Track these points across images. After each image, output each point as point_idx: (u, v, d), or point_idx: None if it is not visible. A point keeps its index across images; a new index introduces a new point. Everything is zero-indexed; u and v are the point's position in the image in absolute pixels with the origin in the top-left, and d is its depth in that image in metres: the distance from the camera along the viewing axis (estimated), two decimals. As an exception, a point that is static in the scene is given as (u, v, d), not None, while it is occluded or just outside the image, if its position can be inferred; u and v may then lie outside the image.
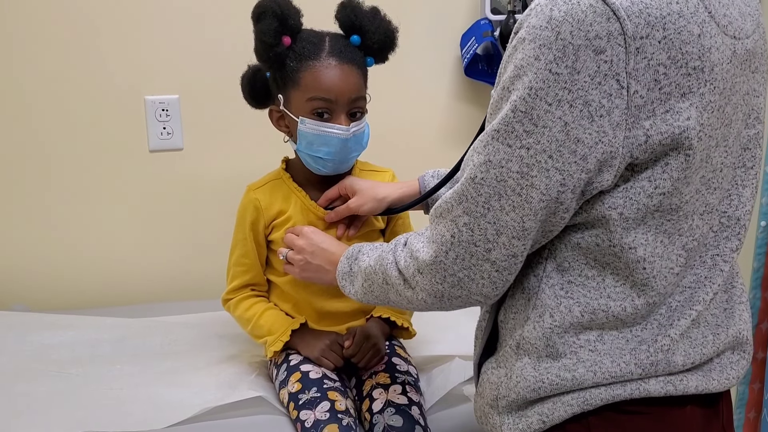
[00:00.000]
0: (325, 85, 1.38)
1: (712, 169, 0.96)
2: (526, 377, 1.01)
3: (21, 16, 1.85)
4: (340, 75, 1.38)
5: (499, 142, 0.92)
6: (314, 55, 1.38)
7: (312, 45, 1.39)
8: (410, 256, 1.07)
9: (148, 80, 1.94)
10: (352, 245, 1.26)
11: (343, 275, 1.23)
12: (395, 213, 1.50)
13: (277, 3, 1.38)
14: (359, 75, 1.42)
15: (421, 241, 1.05)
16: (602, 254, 0.96)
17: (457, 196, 0.98)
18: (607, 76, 0.85)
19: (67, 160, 1.94)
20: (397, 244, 1.13)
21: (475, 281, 1.00)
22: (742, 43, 0.94)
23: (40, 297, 1.98)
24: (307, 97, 1.39)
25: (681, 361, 0.99)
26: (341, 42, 1.42)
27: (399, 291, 1.10)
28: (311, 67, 1.38)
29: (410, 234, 1.12)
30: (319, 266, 1.32)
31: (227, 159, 2.01)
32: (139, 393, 1.45)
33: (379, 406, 1.36)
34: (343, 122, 1.39)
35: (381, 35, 1.43)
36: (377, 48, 1.44)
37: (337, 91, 1.38)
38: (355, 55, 1.42)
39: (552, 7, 0.86)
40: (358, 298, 1.20)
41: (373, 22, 1.43)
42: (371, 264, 1.15)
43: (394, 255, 1.11)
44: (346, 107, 1.40)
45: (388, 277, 1.11)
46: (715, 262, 1.02)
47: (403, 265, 1.08)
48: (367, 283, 1.16)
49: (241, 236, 1.52)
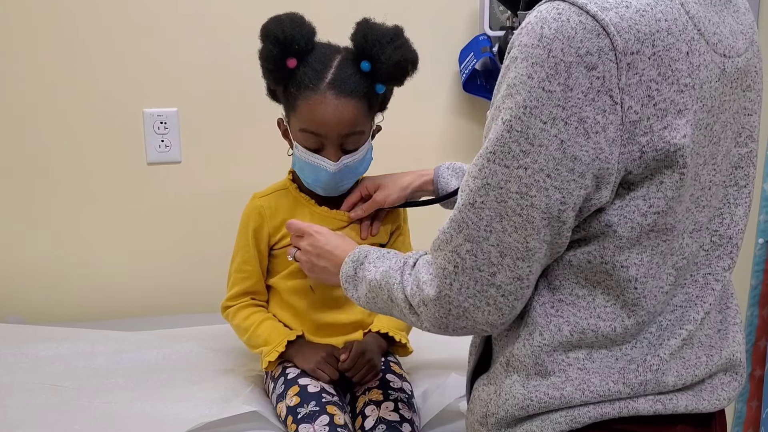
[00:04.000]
0: (316, 121, 1.37)
1: (700, 187, 0.96)
2: (515, 395, 1.01)
3: (19, 29, 1.86)
4: (334, 111, 1.36)
5: (496, 164, 0.92)
6: (313, 84, 1.37)
7: (314, 72, 1.37)
8: (417, 286, 1.04)
9: (147, 93, 1.94)
10: (358, 247, 1.24)
11: (347, 278, 1.21)
12: (416, 206, 1.51)
13: (282, 27, 1.36)
14: (359, 108, 1.39)
15: (429, 272, 1.03)
16: (593, 272, 0.96)
17: (456, 225, 0.97)
18: (600, 92, 0.85)
19: (65, 172, 1.94)
20: (406, 263, 1.10)
21: (481, 309, 0.98)
22: (732, 61, 0.94)
23: (35, 309, 1.97)
24: (300, 126, 1.40)
25: (672, 381, 0.99)
26: (348, 69, 1.39)
27: (404, 313, 1.09)
28: (307, 98, 1.37)
29: (420, 256, 1.10)
30: (324, 268, 1.31)
31: (225, 172, 2.01)
32: (134, 407, 1.45)
33: (371, 423, 1.35)
34: (332, 157, 1.40)
35: (392, 66, 1.39)
36: (386, 77, 1.41)
37: (328, 127, 1.37)
38: (359, 84, 1.39)
39: (542, 25, 0.86)
40: (361, 304, 1.19)
41: (386, 50, 1.37)
42: (377, 278, 1.13)
43: (401, 276, 1.09)
44: (336, 142, 1.39)
45: (393, 296, 1.10)
46: (707, 281, 1.02)
47: (410, 293, 1.06)
48: (371, 295, 1.15)
49: (244, 243, 1.52)
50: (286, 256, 1.49)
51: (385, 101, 1.50)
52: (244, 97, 1.95)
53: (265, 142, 1.51)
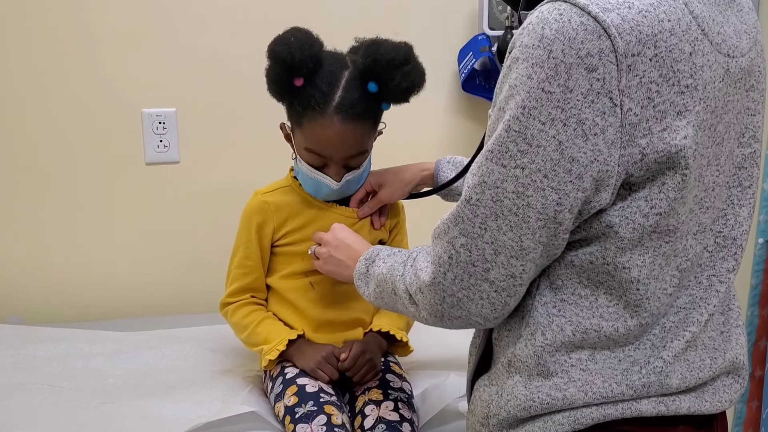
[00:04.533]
0: (322, 143, 1.38)
1: (704, 188, 0.96)
2: (517, 395, 1.01)
3: (19, 29, 1.85)
4: (341, 135, 1.36)
5: (494, 163, 0.92)
6: (320, 106, 1.35)
7: (321, 95, 1.35)
8: (414, 274, 1.07)
9: (146, 93, 1.94)
10: (372, 247, 1.27)
11: (360, 276, 1.25)
12: (417, 197, 1.54)
13: (290, 50, 1.32)
14: (364, 130, 1.39)
15: (426, 260, 1.06)
16: (596, 273, 0.96)
17: (453, 218, 0.98)
18: (600, 94, 0.85)
19: (63, 173, 1.94)
20: (409, 257, 1.14)
21: (474, 302, 0.99)
22: (736, 61, 0.94)
23: (34, 309, 1.97)
24: (305, 145, 1.40)
25: (676, 384, 0.99)
26: (355, 91, 1.36)
27: (405, 305, 1.11)
28: (313, 120, 1.36)
29: (422, 249, 1.12)
30: (340, 261, 1.34)
31: (224, 172, 2.00)
32: (132, 407, 1.45)
33: (370, 423, 1.35)
34: (336, 176, 1.41)
35: (401, 91, 1.38)
36: (394, 99, 1.41)
37: (333, 151, 1.39)
38: (366, 106, 1.37)
39: (543, 26, 0.86)
40: (371, 300, 1.23)
41: (395, 76, 1.36)
42: (383, 272, 1.17)
43: (404, 268, 1.12)
44: (341, 163, 1.41)
45: (396, 289, 1.13)
46: (711, 283, 1.01)
47: (408, 282, 1.09)
48: (379, 290, 1.18)
49: (245, 238, 1.51)
50: (286, 255, 1.50)
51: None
52: (243, 98, 1.95)
53: (263, 143, 1.51)
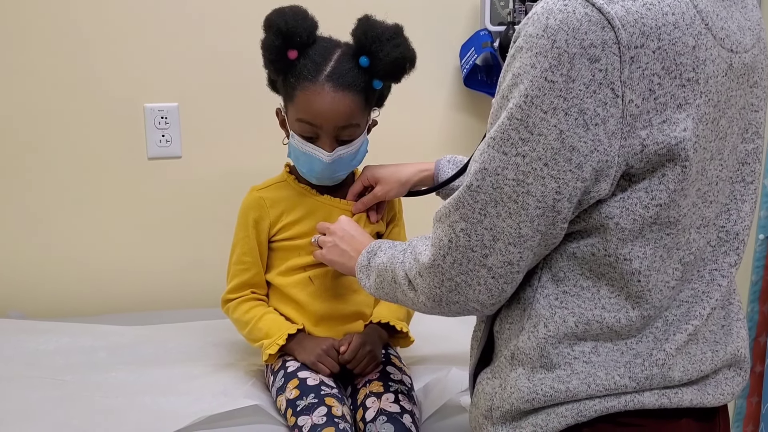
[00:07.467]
0: (313, 111, 1.40)
1: (707, 182, 0.96)
2: (521, 388, 1.01)
3: (19, 24, 1.85)
4: (331, 102, 1.39)
5: (495, 150, 0.93)
6: (312, 76, 1.40)
7: (314, 64, 1.40)
8: (414, 259, 1.09)
9: (148, 88, 1.94)
10: (375, 241, 1.29)
11: (361, 268, 1.26)
12: (415, 196, 1.54)
13: (285, 19, 1.39)
14: (355, 101, 1.41)
15: (425, 244, 1.07)
16: (597, 264, 0.96)
17: (455, 202, 0.99)
18: (602, 84, 0.86)
19: (65, 167, 1.94)
20: (409, 245, 1.15)
21: (472, 287, 1.00)
22: (739, 56, 0.94)
23: (36, 304, 1.97)
24: (297, 116, 1.42)
25: (678, 376, 0.99)
26: (347, 63, 1.42)
27: (404, 291, 1.12)
28: (305, 89, 1.40)
29: (420, 237, 1.14)
30: (344, 251, 1.35)
31: (226, 167, 2.01)
32: (135, 401, 1.45)
33: (371, 415, 1.35)
34: (327, 147, 1.42)
35: (389, 63, 1.41)
36: (384, 74, 1.44)
37: (324, 119, 1.40)
38: (357, 79, 1.41)
39: (548, 16, 0.87)
40: (372, 292, 1.24)
41: (385, 47, 1.40)
42: (384, 261, 1.19)
43: (403, 256, 1.14)
44: (332, 133, 1.42)
45: (395, 276, 1.14)
46: (713, 277, 1.02)
47: (408, 267, 1.10)
48: (379, 279, 1.20)
49: (243, 234, 1.53)
50: (284, 250, 1.51)
51: (383, 98, 1.53)
52: (245, 93, 1.95)
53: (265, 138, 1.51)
